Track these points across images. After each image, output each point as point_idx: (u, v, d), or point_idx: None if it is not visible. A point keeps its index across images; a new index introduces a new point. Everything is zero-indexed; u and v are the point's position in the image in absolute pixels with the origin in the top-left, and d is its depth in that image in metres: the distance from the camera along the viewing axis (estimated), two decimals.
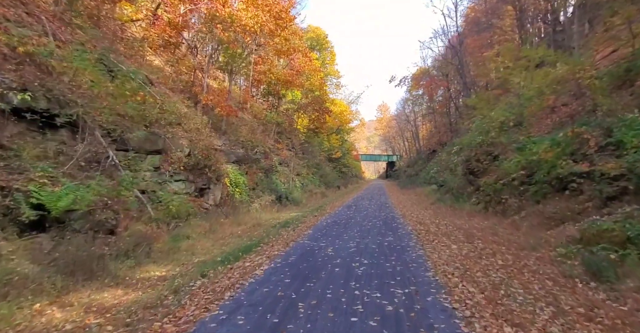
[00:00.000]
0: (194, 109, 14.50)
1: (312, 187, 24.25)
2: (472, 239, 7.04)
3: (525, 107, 14.22)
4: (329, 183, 32.48)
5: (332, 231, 8.42)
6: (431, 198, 18.90)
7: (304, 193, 21.10)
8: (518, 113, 14.59)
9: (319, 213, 12.72)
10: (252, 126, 21.16)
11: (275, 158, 19.80)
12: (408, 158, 69.31)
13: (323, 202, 18.97)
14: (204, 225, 9.68)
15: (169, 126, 12.03)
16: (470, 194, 14.97)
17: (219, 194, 13.11)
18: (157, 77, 13.47)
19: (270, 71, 23.60)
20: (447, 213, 12.45)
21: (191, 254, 6.69)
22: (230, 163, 14.72)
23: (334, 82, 45.52)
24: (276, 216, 13.03)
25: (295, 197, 18.23)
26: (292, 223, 10.38)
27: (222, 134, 15.56)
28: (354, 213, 12.36)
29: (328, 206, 15.98)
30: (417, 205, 15.89)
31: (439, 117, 38.05)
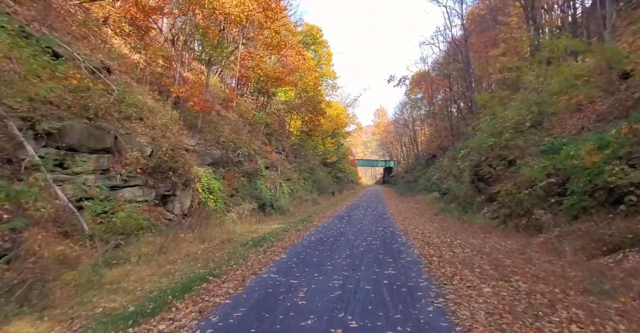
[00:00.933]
0: (163, 103, 12.54)
1: (303, 193, 22.26)
2: (504, 272, 5.07)
3: (545, 105, 12.36)
4: (323, 189, 30.50)
5: (312, 255, 6.44)
6: (434, 208, 16.95)
7: (292, 200, 19.11)
8: (536, 112, 12.73)
9: (304, 226, 10.72)
10: (237, 126, 19.21)
11: (261, 161, 17.82)
12: (406, 163, 67.46)
13: (313, 211, 16.98)
14: (156, 242, 7.67)
15: (125, 120, 10.05)
16: (480, 204, 13.04)
17: (187, 202, 11.11)
18: (117, 64, 11.50)
19: (259, 67, 21.69)
20: (456, 227, 10.50)
21: (112, 292, 4.69)
22: (204, 165, 12.74)
23: (330, 84, 43.68)
24: (254, 228, 11.03)
25: (282, 205, 16.23)
26: (268, 239, 8.38)
27: (198, 133, 13.59)
28: (346, 227, 10.44)
29: (317, 217, 13.99)
30: (419, 216, 13.93)
31: (439, 120, 36.25)
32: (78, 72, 8.63)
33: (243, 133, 19.48)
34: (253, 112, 23.44)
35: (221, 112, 18.81)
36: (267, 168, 19.74)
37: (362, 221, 11.80)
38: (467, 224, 11.38)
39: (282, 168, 23.72)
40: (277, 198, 16.48)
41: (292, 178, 23.77)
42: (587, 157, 6.79)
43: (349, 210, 17.26)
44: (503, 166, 12.53)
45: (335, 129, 44.67)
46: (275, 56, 24.57)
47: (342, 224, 11.22)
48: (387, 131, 79.65)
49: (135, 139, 9.78)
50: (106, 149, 8.78)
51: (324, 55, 41.85)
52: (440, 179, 21.21)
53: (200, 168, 12.43)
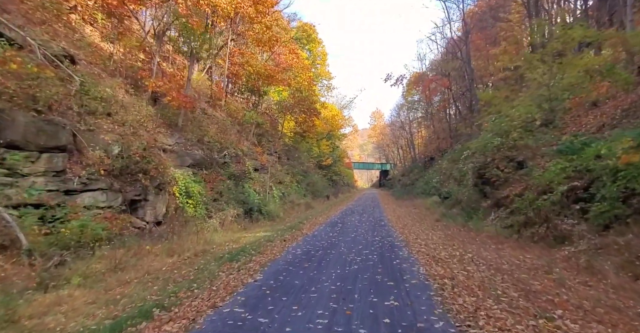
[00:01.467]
0: (138, 98, 11.36)
1: (295, 197, 21.08)
2: (538, 302, 3.95)
3: (557, 101, 11.31)
4: (317, 193, 29.34)
5: (295, 276, 5.21)
6: (435, 213, 15.84)
7: (283, 204, 17.93)
8: (547, 109, 11.67)
9: (292, 235, 9.51)
10: (225, 125, 18.05)
11: (249, 162, 16.65)
12: (403, 166, 66.51)
13: (305, 216, 15.80)
14: (114, 256, 6.47)
15: (89, 115, 8.87)
16: (487, 210, 11.95)
17: (162, 207, 9.92)
18: (85, 53, 10.33)
19: (249, 64, 20.56)
20: (463, 236, 9.39)
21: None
22: (184, 167, 11.56)
23: (325, 84, 42.64)
24: (236, 237, 9.85)
25: (271, 210, 15.05)
26: (248, 252, 7.19)
27: (178, 132, 12.41)
28: (338, 237, 9.18)
29: (308, 223, 12.82)
30: (419, 223, 12.80)
31: (437, 122, 35.24)
32: (30, 58, 7.47)
33: (231, 133, 18.32)
34: (244, 112, 22.31)
35: (208, 111, 17.65)
36: (256, 170, 18.59)
37: (357, 229, 10.63)
38: (473, 232, 10.27)
39: (274, 170, 22.59)
40: (266, 203, 15.30)
41: (284, 181, 22.62)
42: (624, 157, 5.68)
43: (344, 215, 16.10)
44: (511, 168, 11.46)
45: (330, 131, 43.60)
46: (267, 53, 23.46)
47: (335, 232, 10.04)
48: (384, 134, 78.74)
49: (99, 137, 8.60)
50: (61, 148, 7.59)
51: (318, 54, 40.82)
52: (441, 183, 20.13)
53: (179, 169, 11.26)
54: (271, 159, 24.05)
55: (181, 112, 12.42)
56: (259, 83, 22.05)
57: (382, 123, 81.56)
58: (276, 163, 24.90)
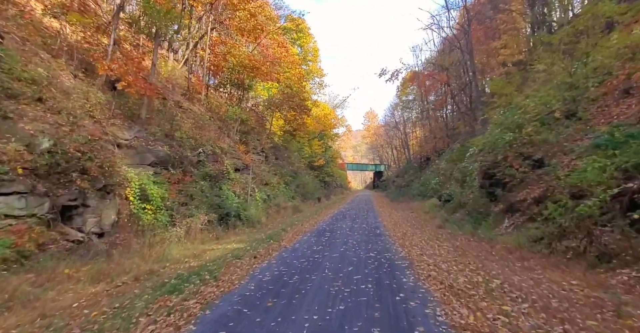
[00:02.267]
0: (88, 83, 9.53)
1: (282, 200, 19.31)
2: None
3: (581, 89, 9.72)
4: (307, 195, 27.60)
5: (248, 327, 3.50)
6: (435, 218, 14.19)
7: (267, 208, 16.16)
8: (569, 99, 10.06)
9: (266, 249, 7.68)
10: (203, 121, 16.26)
11: (228, 161, 14.87)
12: (397, 167, 65.04)
13: (290, 221, 14.05)
14: (9, 286, 4.67)
15: (10, 100, 7.06)
16: (498, 215, 10.29)
17: (110, 215, 8.11)
18: (16, 27, 8.52)
19: (231, 54, 18.79)
20: (475, 248, 7.72)
21: None
22: (144, 165, 9.76)
23: (317, 81, 40.96)
24: (201, 250, 8.09)
25: (251, 215, 13.28)
26: (201, 277, 5.41)
27: (140, 124, 10.60)
28: (324, 252, 7.36)
29: (292, 231, 11.06)
30: (420, 230, 11.12)
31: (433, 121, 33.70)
32: None
33: (210, 130, 16.53)
34: (227, 108, 20.54)
35: (183, 104, 15.85)
36: (238, 170, 16.83)
37: (347, 240, 8.87)
38: (485, 242, 8.60)
39: (259, 170, 20.85)
40: (246, 207, 13.52)
41: (271, 182, 20.85)
42: None
43: (334, 220, 14.36)
44: (527, 166, 9.84)
45: (322, 130, 41.92)
46: (253, 44, 21.70)
47: (320, 244, 8.26)
48: (378, 134, 77.35)
49: (18, 126, 6.78)
50: None
51: (310, 50, 39.17)
52: (441, 184, 18.49)
53: (138, 168, 9.47)
54: (257, 158, 22.34)
55: (144, 102, 10.62)
56: (243, 76, 20.30)
57: (376, 124, 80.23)
58: (263, 162, 23.18)
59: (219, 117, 19.57)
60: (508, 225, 9.63)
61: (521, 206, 9.57)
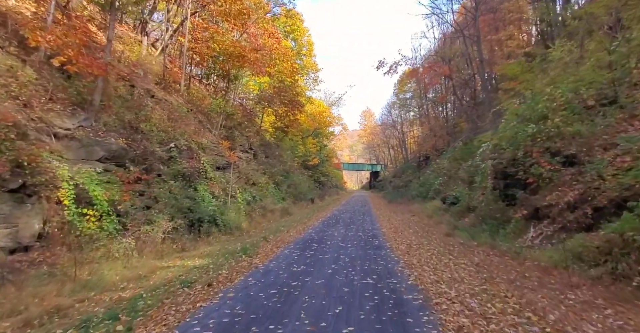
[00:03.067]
0: (16, 59, 7.72)
1: (270, 202, 17.55)
2: None
3: (622, 71, 8.04)
4: (300, 195, 25.86)
5: None
6: (441, 223, 12.49)
7: (251, 211, 14.37)
8: (607, 83, 8.38)
9: (233, 269, 5.83)
10: (179, 112, 14.46)
11: (206, 158, 13.09)
12: (394, 167, 63.41)
13: (275, 227, 12.28)
14: None
15: None
16: (519, 222, 8.59)
17: (34, 224, 6.34)
18: None
19: (214, 40, 17.00)
20: (502, 268, 6.02)
21: None
22: (90, 161, 7.96)
23: (312, 77, 39.19)
24: (151, 268, 6.33)
25: (230, 220, 11.50)
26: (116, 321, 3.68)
27: (92, 112, 8.78)
28: (305, 277, 5.47)
29: (273, 241, 9.26)
30: (426, 240, 9.38)
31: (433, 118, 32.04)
32: None
33: (189, 123, 14.74)
34: (211, 100, 18.75)
35: (156, 94, 14.04)
36: (220, 168, 15.08)
37: (338, 256, 7.00)
38: (509, 257, 6.93)
39: (248, 169, 19.10)
40: (224, 210, 11.73)
41: (259, 182, 19.09)
42: None
43: (326, 226, 12.59)
44: (557, 164, 8.16)
45: (317, 128, 40.16)
46: (240, 31, 19.90)
47: (303, 263, 6.37)
48: (374, 134, 75.68)
49: None
50: None
51: (304, 44, 37.38)
52: (445, 185, 16.79)
53: (83, 164, 7.67)
54: (245, 156, 20.58)
55: (97, 85, 8.80)
56: (228, 66, 18.50)
57: (373, 123, 78.50)
58: (251, 161, 21.42)
59: (201, 111, 17.79)
60: (534, 235, 7.94)
61: (550, 212, 7.89)
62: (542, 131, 8.88)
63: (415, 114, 52.66)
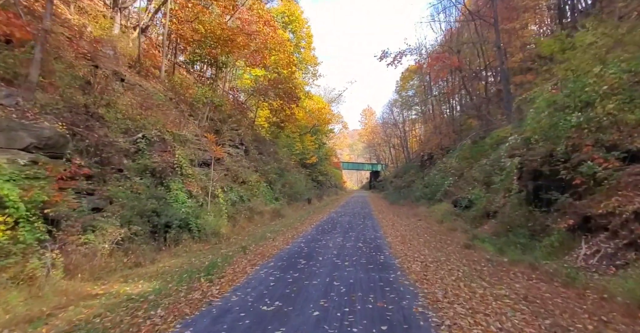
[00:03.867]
0: None
1: (260, 202, 15.76)
2: None
3: None
4: (296, 195, 24.05)
5: None
6: (455, 231, 10.69)
7: (236, 213, 12.55)
8: None
9: (173, 307, 4.06)
10: (156, 100, 12.66)
11: (181, 151, 11.28)
12: (395, 167, 61.60)
13: (260, 234, 10.46)
14: None
15: None
16: (563, 234, 6.76)
17: None
18: None
19: (199, 21, 15.17)
20: (568, 308, 4.23)
21: None
22: (10, 150, 6.13)
23: (311, 71, 37.35)
24: (69, 298, 4.54)
25: (207, 224, 9.68)
26: None
27: (25, 89, 6.95)
28: (280, 317, 3.78)
29: (251, 253, 7.39)
30: (442, 252, 7.58)
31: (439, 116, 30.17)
32: None
33: (168, 112, 12.95)
34: (196, 88, 16.94)
35: (128, 78, 12.24)
36: (203, 164, 13.31)
37: (330, 283, 4.96)
38: (560, 284, 5.15)
39: (236, 166, 17.32)
40: (200, 213, 9.91)
41: (250, 180, 17.28)
42: None
43: (320, 232, 10.76)
44: (615, 160, 6.36)
45: (315, 125, 38.33)
46: (230, 14, 18.07)
47: (279, 296, 4.36)
48: (375, 132, 73.93)
49: None
50: None
51: (303, 37, 35.54)
52: (457, 187, 14.96)
53: None
54: (235, 152, 18.79)
55: (35, 56, 6.98)
56: (216, 51, 16.67)
57: (374, 122, 76.74)
58: (242, 157, 19.63)
59: (185, 101, 15.99)
60: (588, 253, 6.12)
61: (609, 223, 6.09)
62: (590, 120, 7.09)
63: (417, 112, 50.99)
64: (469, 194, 12.72)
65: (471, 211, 11.94)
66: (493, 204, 10.84)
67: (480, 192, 12.13)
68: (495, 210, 10.49)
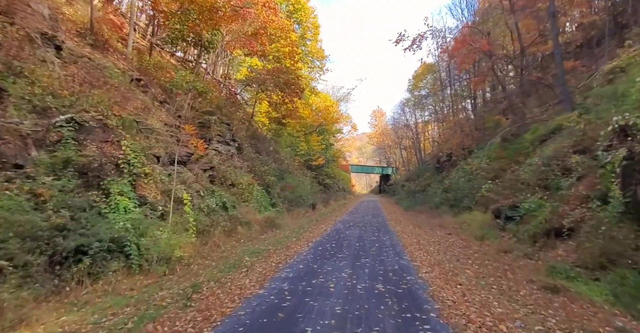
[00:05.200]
0: None
1: (248, 210, 12.79)
2: None
3: None
4: (299, 200, 21.01)
5: None
6: (505, 253, 7.58)
7: (212, 225, 9.50)
8: None
9: None
10: (112, 79, 9.78)
11: (128, 142, 8.29)
12: (406, 170, 58.32)
13: (236, 258, 7.40)
14: None
15: None
16: None
17: None
18: None
19: None
20: None
21: None
22: None
23: (317, 65, 34.39)
24: None
25: (156, 246, 6.66)
26: None
27: None
28: None
29: (202, 303, 4.43)
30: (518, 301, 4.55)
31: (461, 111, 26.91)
32: None
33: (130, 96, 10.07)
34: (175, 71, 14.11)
35: (72, 48, 9.38)
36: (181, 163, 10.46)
37: None
38: None
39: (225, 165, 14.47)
40: (146, 229, 6.90)
41: (240, 182, 14.35)
42: None
43: (317, 258, 7.57)
44: None
45: (322, 124, 35.32)
46: None
47: None
48: (385, 134, 70.76)
49: None
50: None
51: (309, 27, 32.65)
52: (500, 192, 11.71)
53: None
54: (225, 149, 15.92)
55: None
56: (199, 27, 13.79)
57: (384, 123, 73.55)
58: (234, 156, 16.75)
59: (159, 84, 13.13)
60: None
61: None
62: None
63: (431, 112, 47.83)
64: (521, 203, 9.54)
65: (526, 225, 8.76)
66: (564, 218, 7.67)
67: (539, 201, 8.95)
68: (569, 226, 7.32)
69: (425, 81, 47.06)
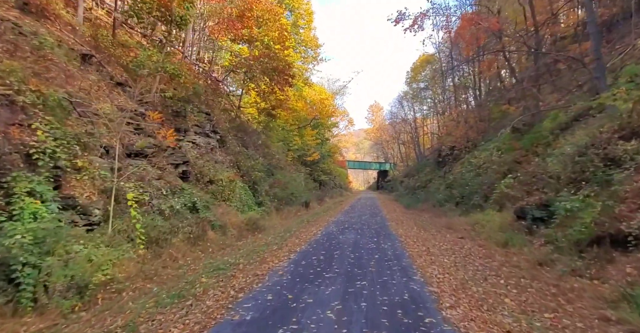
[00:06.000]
0: None
1: (229, 210, 10.91)
2: None
3: None
4: (290, 199, 19.20)
5: None
6: (542, 265, 5.73)
7: (170, 233, 7.59)
8: None
9: None
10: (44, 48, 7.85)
11: (43, 126, 6.35)
12: (405, 165, 56.54)
13: (187, 282, 5.52)
14: None
15: None
16: None
17: None
18: None
19: None
20: None
21: None
22: None
23: (311, 54, 32.38)
24: None
25: (73, 269, 4.75)
26: None
27: None
28: None
29: None
30: None
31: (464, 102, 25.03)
32: None
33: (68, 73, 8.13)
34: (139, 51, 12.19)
35: None
36: (135, 155, 8.63)
37: None
38: None
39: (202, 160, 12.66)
40: (53, 246, 4.98)
41: (220, 179, 12.50)
42: None
43: (297, 279, 5.62)
44: None
45: (316, 117, 33.39)
46: None
47: None
48: (382, 129, 68.99)
49: None
50: None
51: (302, 15, 30.64)
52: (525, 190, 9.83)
53: None
54: (203, 141, 14.09)
55: None
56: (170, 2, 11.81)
57: (381, 118, 71.67)
58: (214, 149, 14.91)
59: (118, 63, 11.20)
60: None
61: None
62: None
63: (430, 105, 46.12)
64: (554, 201, 7.69)
65: (566, 229, 6.90)
66: (621, 221, 5.83)
67: (576, 199, 7.08)
68: (636, 234, 5.48)
69: (425, 73, 45.31)
